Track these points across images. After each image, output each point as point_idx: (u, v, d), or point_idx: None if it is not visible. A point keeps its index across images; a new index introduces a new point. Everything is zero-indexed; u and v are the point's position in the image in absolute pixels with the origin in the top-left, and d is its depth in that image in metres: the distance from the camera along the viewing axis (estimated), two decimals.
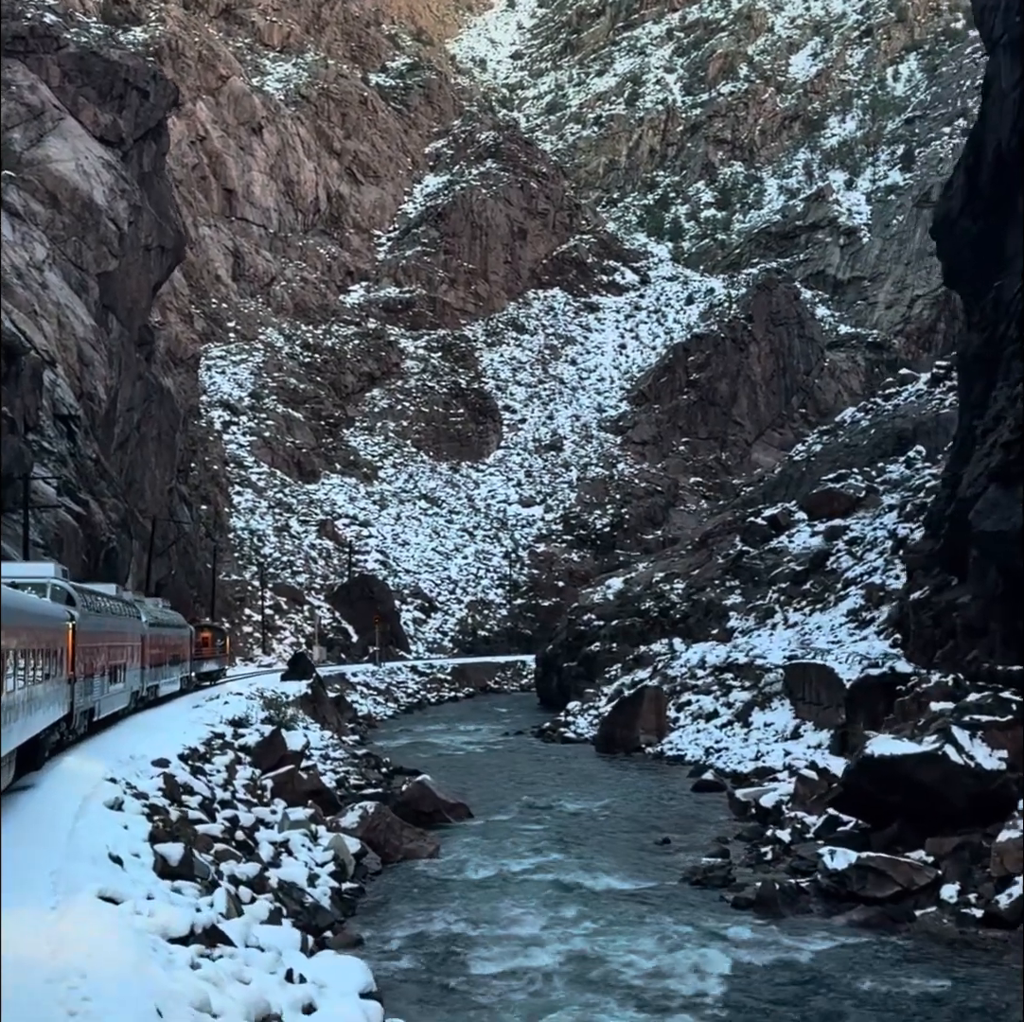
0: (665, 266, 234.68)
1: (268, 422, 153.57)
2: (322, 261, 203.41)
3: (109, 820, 18.75)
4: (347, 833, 34.95)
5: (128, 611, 42.91)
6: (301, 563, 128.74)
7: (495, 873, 34.36)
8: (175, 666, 56.10)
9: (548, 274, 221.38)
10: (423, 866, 35.23)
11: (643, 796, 48.72)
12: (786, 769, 48.86)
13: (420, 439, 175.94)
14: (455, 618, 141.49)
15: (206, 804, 28.57)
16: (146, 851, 17.65)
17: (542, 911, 29.75)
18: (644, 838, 39.35)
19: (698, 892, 30.78)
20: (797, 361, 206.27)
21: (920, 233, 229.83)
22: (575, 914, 29.16)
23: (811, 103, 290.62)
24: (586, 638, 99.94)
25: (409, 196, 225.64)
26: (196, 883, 17.70)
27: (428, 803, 42.19)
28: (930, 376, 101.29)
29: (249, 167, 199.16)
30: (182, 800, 27.61)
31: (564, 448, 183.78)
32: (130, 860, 16.85)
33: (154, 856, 17.57)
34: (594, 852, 36.88)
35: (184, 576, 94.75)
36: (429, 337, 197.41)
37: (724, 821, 42.18)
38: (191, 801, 28.06)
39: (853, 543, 72.07)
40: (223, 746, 39.07)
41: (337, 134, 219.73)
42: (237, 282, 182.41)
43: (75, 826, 17.63)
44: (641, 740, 62.85)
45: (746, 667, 64.93)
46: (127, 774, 27.35)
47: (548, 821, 42.74)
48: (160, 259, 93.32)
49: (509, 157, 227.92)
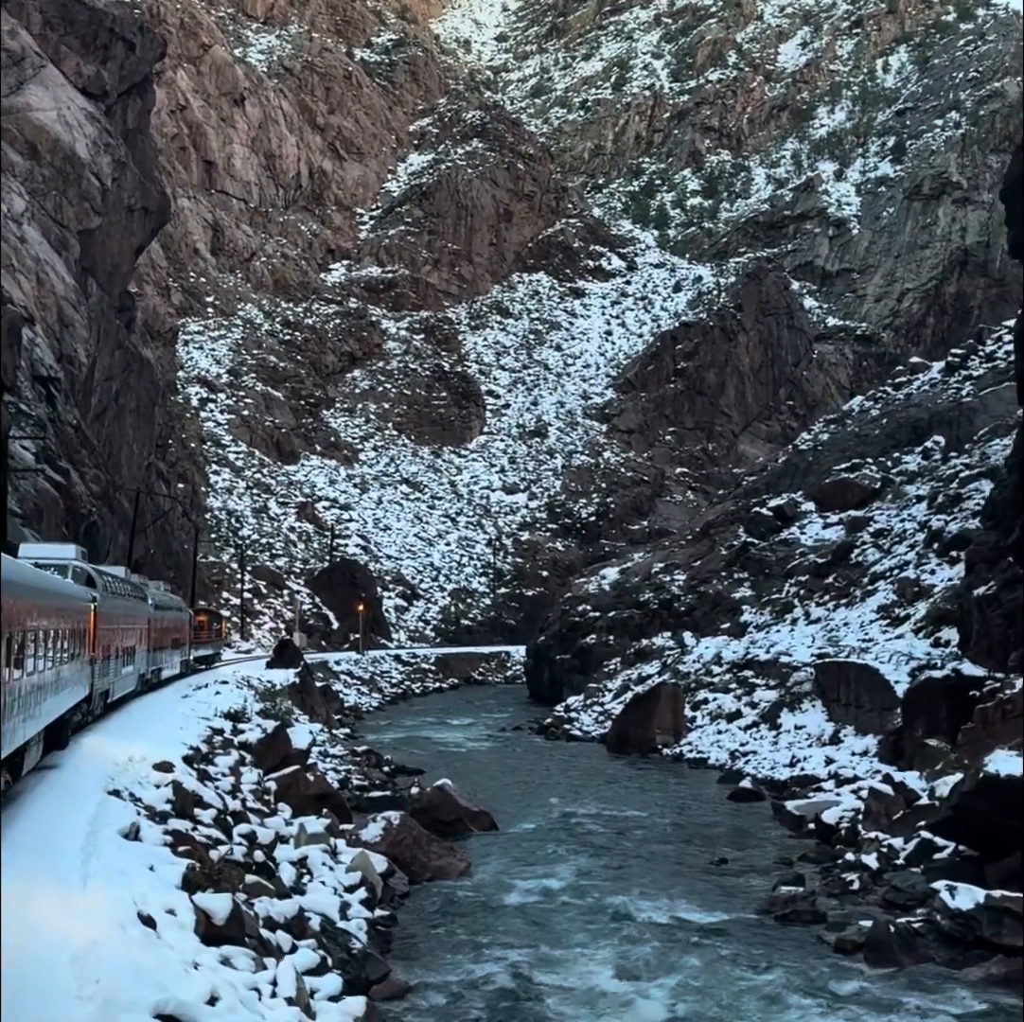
0: (652, 253, 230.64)
1: (247, 400, 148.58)
2: (303, 238, 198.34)
3: (129, 858, 14.41)
4: (370, 848, 30.60)
5: (137, 594, 42.29)
6: (280, 546, 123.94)
7: (538, 897, 30.09)
8: (176, 650, 55.07)
9: (533, 258, 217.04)
10: (455, 887, 30.92)
11: (676, 804, 44.53)
12: (832, 778, 44.89)
13: (402, 422, 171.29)
14: (438, 606, 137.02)
15: (220, 818, 24.20)
16: (183, 905, 13.33)
17: (608, 949, 25.51)
18: (695, 856, 35.14)
19: (786, 929, 26.55)
20: (786, 352, 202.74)
21: (911, 226, 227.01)
22: (650, 954, 24.91)
23: (800, 93, 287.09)
24: (581, 630, 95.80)
25: (393, 174, 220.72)
26: (247, 949, 13.41)
27: (449, 811, 37.85)
28: (944, 365, 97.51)
29: (230, 139, 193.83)
30: (195, 814, 23.26)
31: (549, 435, 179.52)
32: (165, 920, 12.55)
33: (195, 913, 13.26)
34: (645, 873, 32.64)
35: (161, 556, 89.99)
36: (412, 318, 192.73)
37: (777, 837, 38.03)
38: (204, 815, 23.69)
39: (879, 535, 68.10)
40: (224, 744, 34.61)
41: (320, 109, 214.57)
42: (216, 256, 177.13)
43: (89, 869, 13.30)
44: (657, 740, 58.68)
45: (769, 665, 60.85)
46: (129, 782, 22.96)
47: (580, 833, 38.48)
48: (143, 221, 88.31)
49: (496, 137, 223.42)
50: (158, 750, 28.07)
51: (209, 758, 31.34)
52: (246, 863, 22.05)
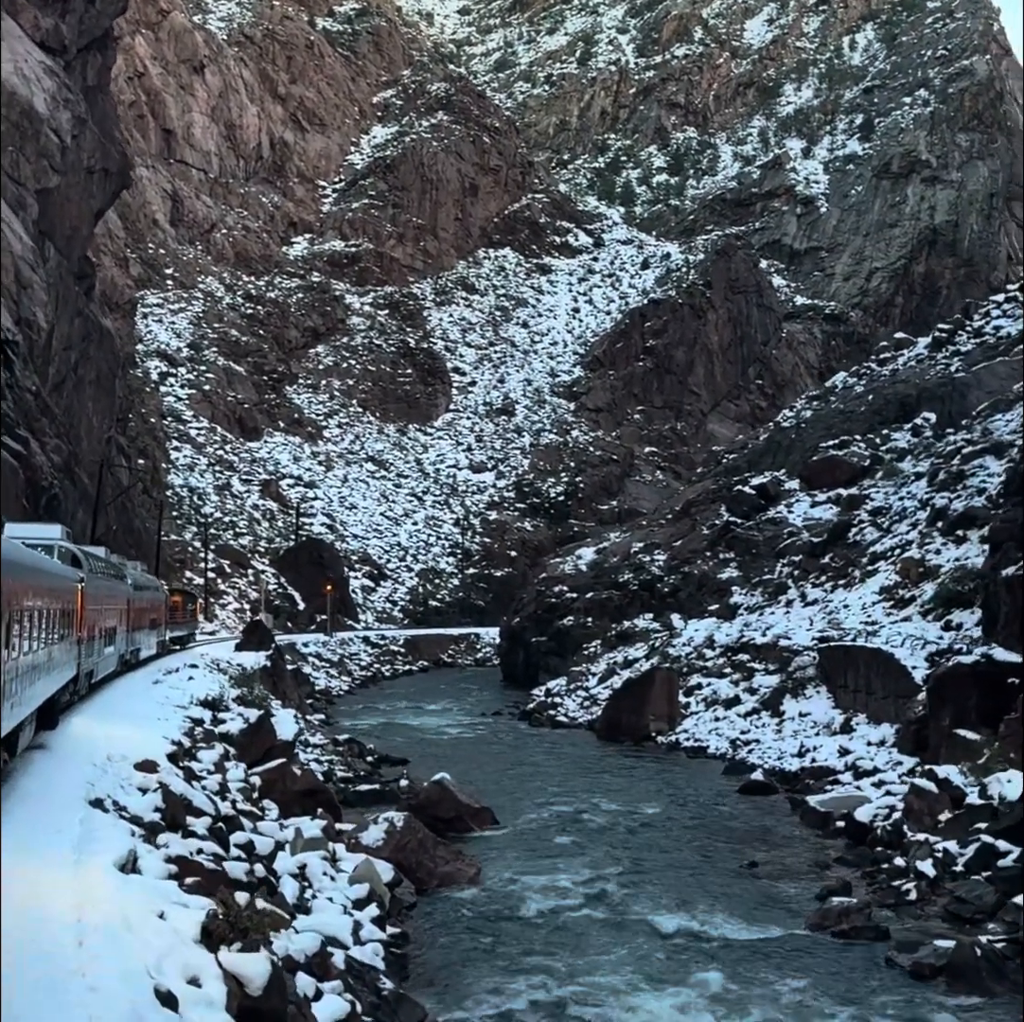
0: (619, 229, 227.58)
1: (208, 375, 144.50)
2: (264, 210, 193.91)
3: (132, 904, 11.29)
4: (372, 854, 27.57)
5: (118, 574, 41.58)
6: (244, 524, 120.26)
7: (559, 907, 27.21)
8: (153, 630, 54.32)
9: (499, 233, 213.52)
10: (465, 896, 27.95)
11: (683, 798, 41.72)
12: (848, 770, 42.21)
13: (366, 399, 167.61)
14: (405, 587, 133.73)
15: (215, 828, 21.10)
16: (209, 971, 10.23)
17: (647, 970, 22.66)
18: (719, 857, 32.31)
19: (847, 949, 23.70)
20: (755, 331, 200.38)
21: (879, 204, 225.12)
22: (700, 978, 22.04)
23: (766, 70, 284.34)
24: (557, 611, 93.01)
25: (356, 147, 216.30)
26: None
27: (448, 808, 34.86)
28: (931, 340, 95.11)
29: (189, 107, 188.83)
30: (187, 824, 20.18)
31: (516, 413, 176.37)
32: (187, 995, 9.49)
33: (224, 981, 10.18)
34: (670, 878, 29.80)
35: (123, 534, 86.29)
36: (376, 293, 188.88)
37: (802, 836, 35.25)
38: (197, 824, 20.61)
39: (877, 514, 65.53)
40: (206, 737, 31.43)
41: (282, 78, 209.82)
42: (175, 227, 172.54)
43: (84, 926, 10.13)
44: (651, 728, 55.89)
45: (767, 648, 58.17)
46: (111, 788, 19.83)
47: (588, 830, 35.59)
48: (103, 183, 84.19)
49: (461, 110, 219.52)
50: (139, 747, 24.95)
51: (192, 753, 28.20)
52: (249, 883, 19.01)
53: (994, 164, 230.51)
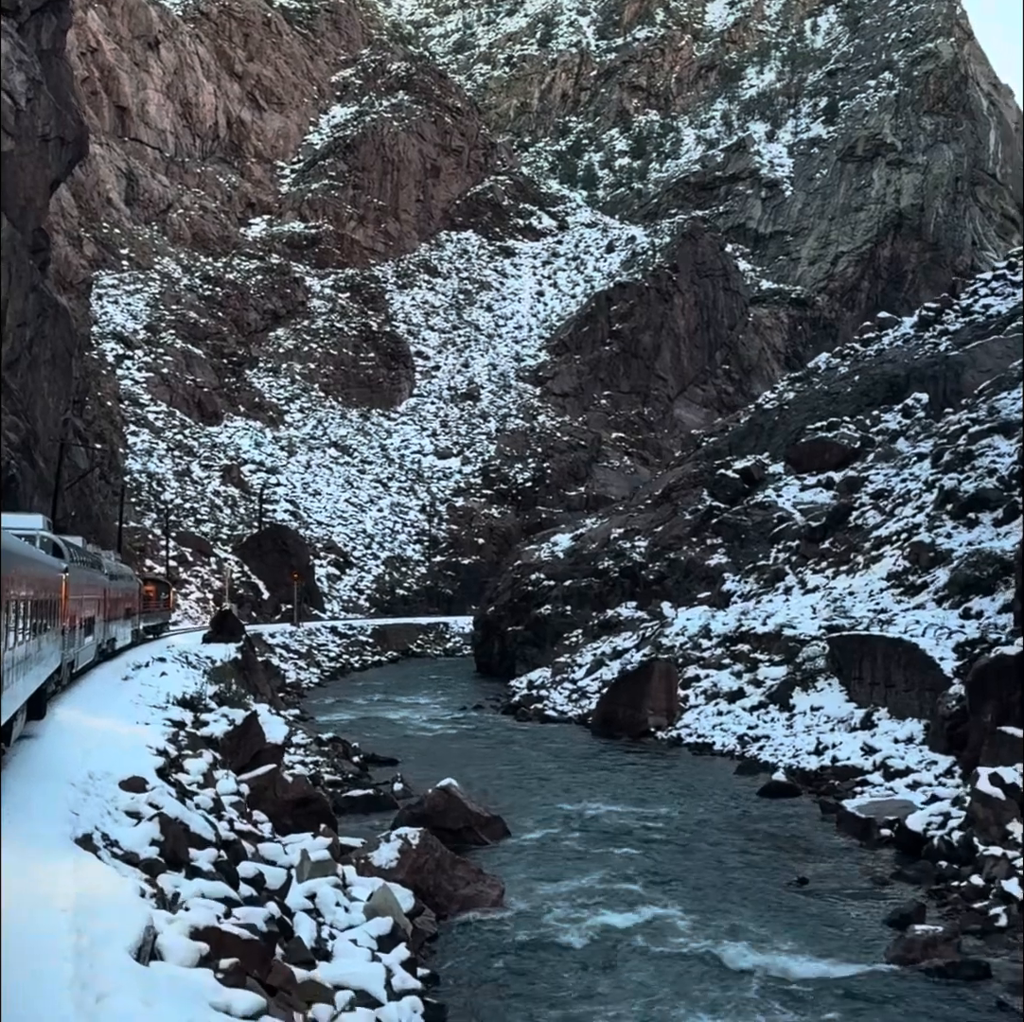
0: (583, 212, 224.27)
1: (166, 358, 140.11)
2: (222, 190, 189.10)
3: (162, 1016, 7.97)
4: (385, 877, 24.28)
5: (95, 564, 41.00)
6: (206, 511, 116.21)
7: (598, 936, 24.05)
8: (128, 619, 53.62)
9: (462, 215, 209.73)
10: (491, 923, 24.71)
11: (701, 801, 38.64)
12: (877, 769, 39.28)
13: (328, 383, 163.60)
14: (372, 575, 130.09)
15: (220, 861, 17.74)
16: None
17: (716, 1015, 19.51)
18: (764, 872, 29.22)
19: (942, 987, 20.62)
20: (721, 315, 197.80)
21: (845, 188, 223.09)
22: None
23: (728, 52, 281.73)
24: (534, 599, 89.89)
25: (315, 126, 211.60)
26: None
27: (457, 817, 31.58)
28: (917, 319, 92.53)
29: (144, 84, 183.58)
30: (190, 859, 16.83)
31: (481, 398, 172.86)
32: None
33: None
34: (714, 897, 26.69)
35: (81, 520, 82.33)
36: (336, 276, 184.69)
37: (843, 846, 32.18)
38: (200, 858, 17.29)
39: (878, 496, 62.74)
40: (191, 743, 28.01)
41: (239, 56, 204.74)
42: (130, 206, 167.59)
43: None
44: (650, 723, 52.82)
45: (770, 638, 55.22)
46: (98, 816, 16.48)
47: (608, 840, 32.41)
48: (59, 152, 79.94)
49: (422, 90, 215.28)
50: (121, 759, 21.56)
51: (179, 763, 24.79)
52: (270, 933, 15.68)
53: (959, 148, 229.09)
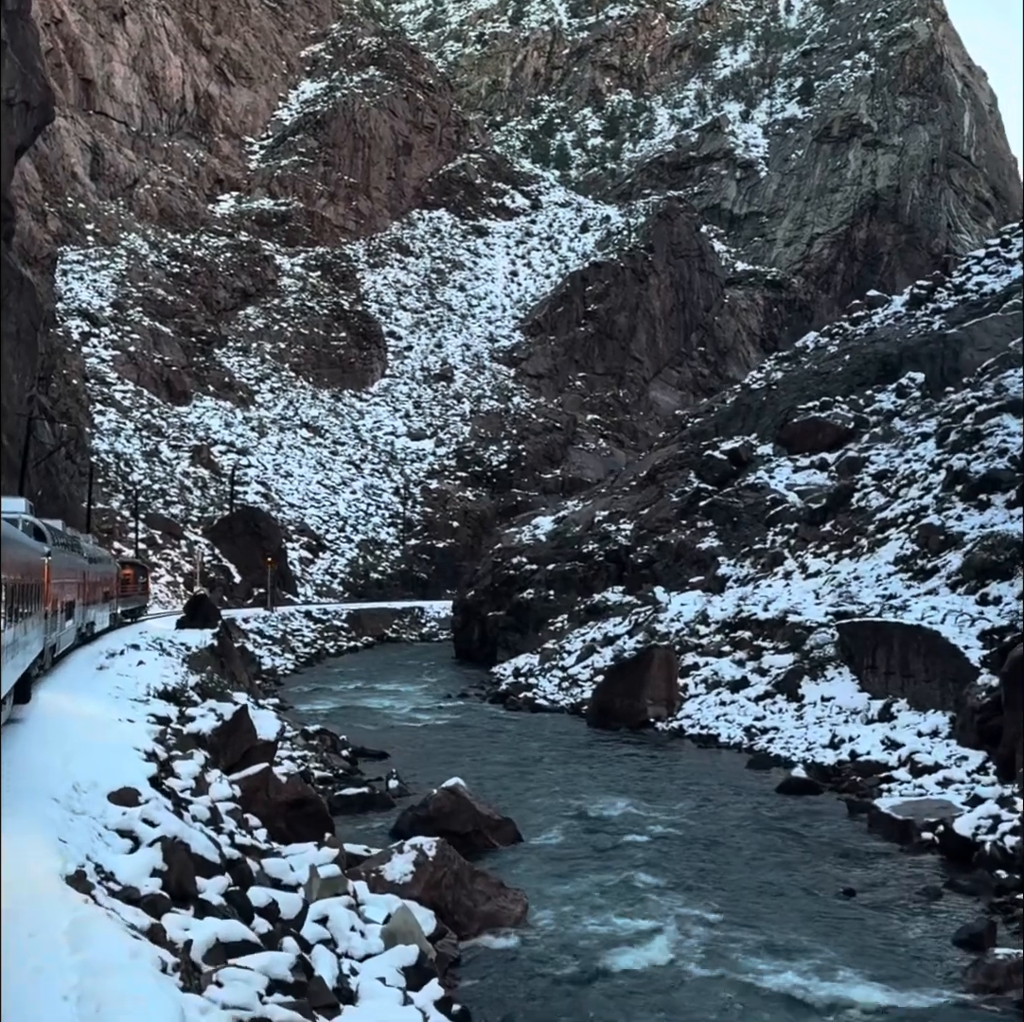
0: (557, 191, 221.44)
1: (133, 335, 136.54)
2: (189, 166, 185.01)
3: None
4: (399, 893, 21.82)
5: (74, 547, 40.18)
6: (175, 493, 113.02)
7: (636, 957, 21.67)
8: (106, 603, 52.41)
9: (434, 193, 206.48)
10: (516, 945, 22.27)
11: (716, 798, 36.34)
12: (903, 765, 37.10)
13: (299, 363, 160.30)
14: (345, 558, 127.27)
15: (232, 893, 15.21)
16: None
17: None
18: (804, 880, 26.90)
19: None
20: (697, 296, 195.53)
21: (820, 169, 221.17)
22: None
23: (701, 32, 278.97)
24: (516, 584, 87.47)
25: (284, 102, 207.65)
26: None
27: (465, 821, 29.14)
28: (908, 298, 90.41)
29: (110, 57, 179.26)
30: (198, 891, 14.29)
31: (455, 379, 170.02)
32: None
33: None
34: (759, 913, 24.36)
35: (48, 500, 79.26)
36: (307, 254, 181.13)
37: (882, 850, 29.89)
38: (209, 889, 14.79)
39: (881, 478, 60.57)
40: (180, 742, 25.41)
41: (207, 29, 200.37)
42: (96, 181, 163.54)
43: None
44: (649, 713, 50.50)
45: (773, 625, 53.01)
46: (88, 840, 13.96)
47: (628, 844, 30.04)
48: (24, 117, 76.65)
49: (394, 66, 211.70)
50: (107, 763, 18.97)
51: (168, 766, 22.20)
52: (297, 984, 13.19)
53: (935, 129, 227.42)
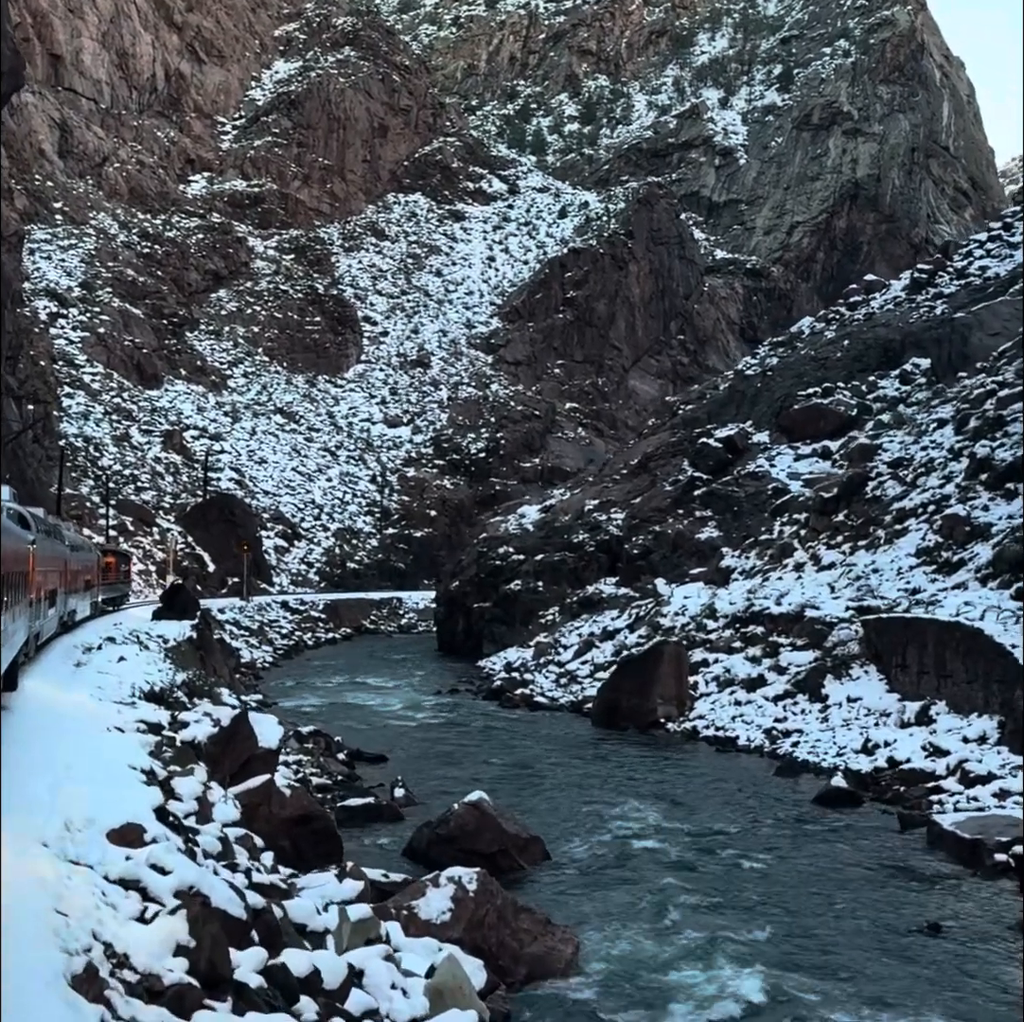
0: (535, 176, 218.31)
1: (102, 317, 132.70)
2: (160, 145, 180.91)
3: None
4: (439, 935, 18.79)
5: (57, 535, 39.19)
6: (147, 478, 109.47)
7: (707, 1009, 18.64)
8: (88, 591, 50.99)
9: (410, 177, 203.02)
10: (570, 994, 19.22)
11: (752, 810, 33.42)
12: (951, 774, 34.26)
13: (273, 347, 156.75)
14: (321, 547, 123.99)
15: (272, 968, 12.15)
16: None
17: None
18: (872, 910, 23.99)
19: None
20: (677, 284, 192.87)
21: (800, 156, 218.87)
22: None
23: (679, 18, 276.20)
24: (503, 575, 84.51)
25: (257, 81, 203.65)
26: None
27: (491, 840, 26.09)
28: (909, 282, 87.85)
29: (79, 32, 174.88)
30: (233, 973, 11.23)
31: (432, 365, 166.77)
32: None
33: None
34: (839, 955, 21.39)
35: (15, 485, 75.66)
36: (280, 237, 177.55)
37: (950, 873, 26.96)
38: (243, 965, 11.79)
39: (897, 466, 57.87)
40: (177, 755, 22.26)
41: (178, 5, 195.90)
42: (64, 159, 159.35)
43: None
44: (659, 713, 47.60)
45: (789, 619, 50.17)
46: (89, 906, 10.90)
47: (668, 865, 27.09)
48: None
49: (369, 46, 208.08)
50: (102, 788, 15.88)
51: (169, 787, 19.06)
52: None
53: (915, 118, 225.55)
